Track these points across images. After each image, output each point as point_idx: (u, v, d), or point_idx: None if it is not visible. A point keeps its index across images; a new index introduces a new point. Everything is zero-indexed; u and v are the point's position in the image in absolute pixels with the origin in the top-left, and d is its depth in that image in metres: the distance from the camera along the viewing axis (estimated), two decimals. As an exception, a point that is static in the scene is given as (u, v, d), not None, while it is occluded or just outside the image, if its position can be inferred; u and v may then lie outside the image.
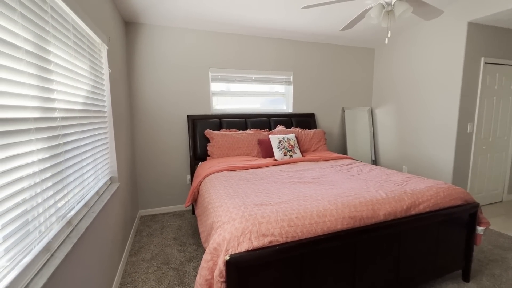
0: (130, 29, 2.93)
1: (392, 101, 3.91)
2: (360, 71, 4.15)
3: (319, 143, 3.43)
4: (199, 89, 3.28)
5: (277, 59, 3.62)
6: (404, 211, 1.60)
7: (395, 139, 3.89)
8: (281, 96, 3.84)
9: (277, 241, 1.28)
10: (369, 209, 1.52)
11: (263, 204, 1.52)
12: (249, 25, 3.15)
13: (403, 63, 3.68)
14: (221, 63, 3.34)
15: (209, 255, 1.29)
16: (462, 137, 3.10)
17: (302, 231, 1.34)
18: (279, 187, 1.90)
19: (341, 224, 1.42)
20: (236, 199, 1.63)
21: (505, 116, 3.36)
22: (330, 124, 4.08)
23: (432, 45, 3.26)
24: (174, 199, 3.31)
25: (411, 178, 2.04)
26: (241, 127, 3.35)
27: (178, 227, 2.82)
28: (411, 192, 1.73)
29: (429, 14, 1.95)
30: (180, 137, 3.26)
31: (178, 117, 3.23)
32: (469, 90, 3.04)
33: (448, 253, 1.79)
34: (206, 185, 2.13)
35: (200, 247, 2.40)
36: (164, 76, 3.12)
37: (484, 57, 3.04)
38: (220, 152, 2.96)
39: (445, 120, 3.17)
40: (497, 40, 3.09)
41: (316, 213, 1.42)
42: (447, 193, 1.77)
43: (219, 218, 1.47)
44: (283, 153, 2.91)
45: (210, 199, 1.82)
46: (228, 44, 3.35)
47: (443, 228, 1.73)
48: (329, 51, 3.91)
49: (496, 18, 2.79)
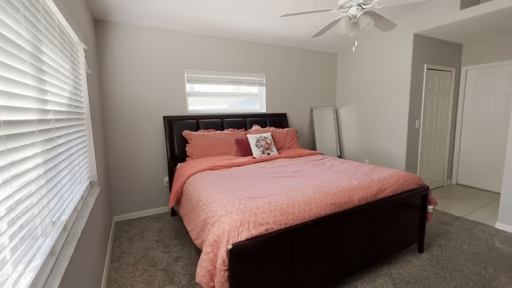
0: (100, 27, 2.80)
1: (353, 101, 4.34)
2: (325, 74, 4.51)
3: (292, 140, 3.66)
4: (174, 90, 3.26)
5: (250, 62, 3.76)
6: (373, 196, 1.87)
7: (357, 136, 4.32)
8: (255, 97, 3.99)
9: (272, 228, 1.41)
10: (346, 196, 1.74)
11: (255, 198, 1.64)
12: (224, 28, 3.23)
13: (362, 67, 4.12)
14: (196, 64, 3.37)
15: (209, 247, 1.37)
16: (411, 132, 3.60)
17: (293, 218, 1.49)
18: (264, 182, 2.04)
19: (325, 210, 1.61)
20: (228, 194, 1.72)
21: (443, 113, 3.98)
22: (301, 123, 4.36)
23: (386, 52, 3.72)
24: (152, 202, 3.24)
25: (375, 168, 2.35)
26: (218, 127, 3.41)
27: (159, 230, 2.78)
28: (378, 179, 2.01)
29: (386, 27, 2.27)
30: (156, 139, 3.20)
31: (153, 118, 3.17)
32: (416, 92, 3.55)
33: (407, 230, 2.11)
34: (192, 185, 2.17)
35: (186, 246, 2.42)
36: (138, 76, 3.04)
37: (427, 64, 3.58)
38: (200, 153, 2.99)
39: (397, 118, 3.64)
40: (435, 49, 3.65)
41: (303, 202, 1.59)
42: (405, 179, 2.10)
43: (214, 213, 1.55)
44: (261, 151, 3.06)
45: (199, 197, 1.88)
46: (204, 45, 3.39)
47: (402, 208, 2.05)
48: (298, 55, 4.18)
49: (435, 31, 3.31)
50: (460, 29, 3.24)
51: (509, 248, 2.29)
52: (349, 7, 1.97)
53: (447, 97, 3.98)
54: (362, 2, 1.92)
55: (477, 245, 2.34)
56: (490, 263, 2.08)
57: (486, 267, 2.02)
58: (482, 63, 3.78)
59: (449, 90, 3.98)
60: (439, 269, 2.00)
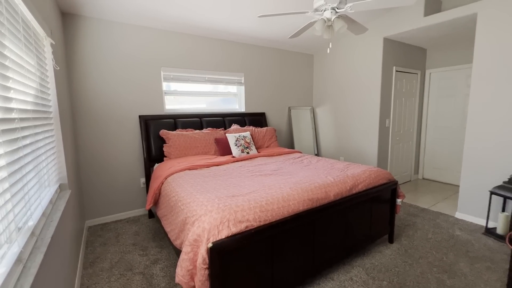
0: (70, 21, 2.64)
1: (329, 101, 4.50)
2: (302, 74, 4.63)
3: (271, 139, 3.72)
4: (151, 88, 3.16)
5: (229, 61, 3.76)
6: (348, 191, 1.97)
7: (333, 134, 4.49)
8: (234, 96, 3.99)
9: (252, 225, 1.44)
10: (322, 192, 1.82)
11: (234, 196, 1.65)
12: (202, 26, 3.20)
13: (337, 68, 4.28)
14: (174, 63, 3.29)
15: (189, 247, 1.36)
16: (382, 130, 3.82)
17: (272, 214, 1.53)
18: (244, 180, 2.06)
19: (302, 206, 1.67)
20: (208, 193, 1.72)
21: (410, 113, 4.26)
22: (279, 122, 4.44)
23: (358, 55, 3.90)
24: (128, 204, 3.12)
25: (349, 165, 2.47)
26: (196, 126, 3.37)
27: (135, 233, 2.70)
28: (352, 175, 2.11)
29: (358, 30, 2.39)
30: (132, 139, 3.09)
31: (128, 117, 3.05)
32: (386, 92, 3.76)
33: (378, 222, 2.25)
34: (170, 185, 2.13)
35: (164, 248, 2.37)
36: (112, 74, 2.91)
37: (395, 66, 3.81)
38: (178, 152, 2.94)
39: (370, 117, 3.84)
40: (403, 53, 3.90)
41: (281, 199, 1.64)
42: (377, 175, 2.23)
43: (193, 213, 1.54)
44: (241, 150, 3.07)
45: (178, 197, 1.86)
46: (181, 43, 3.32)
47: (374, 202, 2.18)
48: (276, 55, 4.24)
49: (402, 36, 3.54)
50: (424, 35, 3.49)
51: (467, 235, 2.52)
52: (324, 10, 2.05)
53: (414, 98, 4.27)
54: (336, 6, 2.01)
55: (440, 234, 2.55)
56: (451, 249, 2.28)
57: (448, 253, 2.21)
58: (443, 66, 4.11)
59: (415, 91, 4.27)
60: (407, 257, 2.16)
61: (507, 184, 2.42)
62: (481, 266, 2.03)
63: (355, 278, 1.91)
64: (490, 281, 1.86)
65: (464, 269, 2.00)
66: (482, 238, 2.46)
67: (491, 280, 1.87)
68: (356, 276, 1.93)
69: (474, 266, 2.04)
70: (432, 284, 1.84)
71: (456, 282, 1.85)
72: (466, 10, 2.72)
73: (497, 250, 2.26)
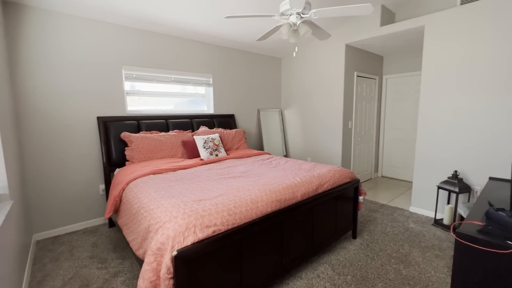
0: (12, 11, 2.35)
1: (296, 103, 4.63)
2: (271, 77, 4.70)
3: (240, 141, 3.70)
4: (110, 88, 2.95)
5: (197, 61, 3.67)
6: (314, 190, 2.03)
7: (300, 136, 4.62)
8: (202, 97, 3.90)
9: (220, 230, 1.41)
10: (290, 192, 1.85)
11: (201, 200, 1.60)
12: (168, 25, 3.07)
13: (303, 72, 4.43)
14: (136, 61, 3.11)
15: (152, 256, 1.28)
16: (346, 132, 4.04)
17: (240, 217, 1.52)
18: (212, 183, 2.01)
19: (271, 207, 1.68)
20: (173, 199, 1.64)
21: (370, 115, 4.58)
22: (248, 124, 4.45)
23: (323, 59, 4.08)
24: (85, 214, 2.86)
25: (316, 165, 2.56)
26: (162, 128, 3.22)
27: (93, 244, 2.48)
28: (318, 175, 2.19)
29: (322, 36, 2.50)
30: (89, 142, 2.84)
31: (84, 119, 2.80)
32: (348, 96, 3.99)
33: (342, 219, 2.36)
34: (132, 191, 2.00)
35: (126, 259, 2.21)
36: (64, 72, 2.65)
37: (357, 71, 4.06)
38: (142, 156, 2.77)
39: (334, 119, 4.04)
40: (363, 59, 4.18)
41: (250, 201, 1.63)
42: (341, 174, 2.34)
43: (157, 220, 1.46)
44: (209, 153, 3.01)
45: (141, 203, 1.75)
46: (145, 41, 3.15)
47: (339, 200, 2.28)
48: (245, 57, 4.25)
49: (362, 43, 3.79)
50: (381, 43, 3.78)
51: (419, 227, 2.77)
52: (290, 15, 2.10)
53: (373, 101, 4.59)
54: (301, 12, 2.07)
55: (396, 227, 2.77)
56: (406, 241, 2.48)
57: (403, 245, 2.40)
58: (398, 73, 4.49)
59: (374, 95, 4.59)
60: (368, 251, 2.29)
61: (451, 179, 2.71)
62: (431, 255, 2.24)
63: (322, 275, 1.98)
64: (438, 267, 2.06)
65: (417, 258, 2.19)
66: (431, 229, 2.72)
67: (439, 266, 2.07)
68: (323, 273, 2.00)
69: (425, 255, 2.24)
70: (390, 274, 1.97)
71: (410, 271, 2.01)
72: (416, 23, 3.01)
73: (444, 239, 2.51)
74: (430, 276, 1.95)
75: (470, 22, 2.62)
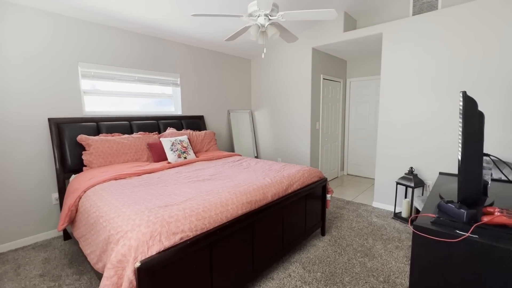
0: None
1: (266, 105, 4.68)
2: (240, 78, 4.69)
3: (210, 143, 3.62)
4: (64, 87, 2.68)
5: (163, 60, 3.51)
6: (284, 190, 2.05)
7: (270, 137, 4.68)
8: (169, 97, 3.74)
9: (188, 236, 1.35)
10: (260, 193, 1.85)
11: (168, 205, 1.52)
12: (131, 21, 2.89)
13: (272, 74, 4.49)
14: (95, 58, 2.87)
15: (112, 270, 1.18)
16: (314, 132, 4.18)
17: (210, 222, 1.47)
18: (180, 187, 1.93)
19: (241, 209, 1.66)
20: (136, 206, 1.53)
21: (336, 116, 4.80)
22: (218, 125, 4.37)
23: (291, 62, 4.18)
24: (35, 226, 2.55)
25: (285, 165, 2.60)
26: (125, 130, 3.02)
27: (44, 261, 2.22)
28: (287, 175, 2.22)
29: (290, 38, 2.55)
30: (39, 147, 2.55)
31: (33, 121, 2.51)
32: (315, 98, 4.13)
33: (312, 218, 2.43)
34: (90, 199, 1.83)
35: (84, 274, 2.02)
36: (9, 68, 2.34)
37: (323, 74, 4.23)
38: (102, 160, 2.56)
39: (302, 120, 4.15)
40: (328, 63, 4.37)
41: (220, 204, 1.59)
42: (309, 174, 2.41)
43: (118, 229, 1.35)
44: (177, 155, 2.89)
45: (99, 212, 1.60)
46: (105, 37, 2.93)
47: (308, 199, 2.34)
48: (214, 58, 4.18)
49: (327, 48, 3.96)
50: (344, 48, 3.98)
51: (381, 221, 2.96)
52: (258, 16, 2.11)
53: (338, 103, 4.82)
54: (269, 13, 2.09)
55: (361, 222, 2.92)
56: (369, 235, 2.63)
57: (368, 239, 2.55)
58: (359, 76, 4.77)
59: (339, 97, 4.83)
60: (336, 247, 2.39)
61: (407, 175, 2.94)
62: (392, 246, 2.40)
63: (293, 274, 2.01)
64: (398, 257, 2.21)
65: (380, 250, 2.33)
66: (392, 222, 2.93)
67: (399, 256, 2.23)
68: (294, 272, 2.03)
69: (387, 247, 2.39)
70: (356, 268, 2.07)
71: (374, 263, 2.14)
72: (374, 30, 3.22)
73: (402, 230, 2.72)
74: (391, 266, 2.09)
75: (421, 30, 2.88)
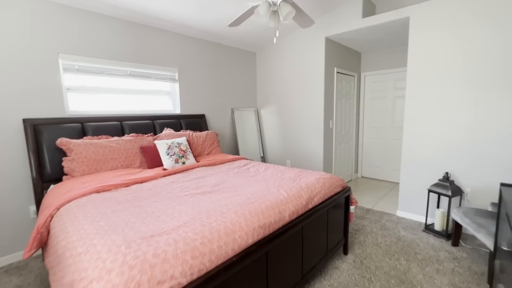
0: None
1: (273, 102, 4.27)
2: (245, 73, 4.28)
3: (213, 145, 3.24)
4: (43, 82, 2.31)
5: (159, 52, 3.12)
6: (304, 207, 1.66)
7: (278, 137, 4.27)
8: (166, 94, 3.36)
9: (180, 284, 0.96)
10: (276, 213, 1.45)
11: (154, 235, 1.13)
12: (120, 6, 2.51)
13: (280, 67, 4.08)
14: (79, 49, 2.50)
15: None
16: (326, 132, 3.76)
17: (211, 259, 1.08)
18: (174, 204, 1.54)
19: (252, 237, 1.27)
20: (112, 235, 1.15)
21: (350, 114, 4.37)
22: (221, 125, 3.99)
23: (301, 53, 3.77)
24: (8, 246, 2.20)
25: (301, 172, 2.20)
26: (115, 132, 2.64)
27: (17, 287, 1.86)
28: (306, 186, 1.82)
29: (305, 22, 2.14)
30: (12, 152, 2.19)
31: (4, 123, 2.14)
32: (329, 93, 3.72)
33: (333, 235, 2.03)
34: (62, 220, 1.46)
35: (59, 309, 1.65)
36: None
37: (337, 68, 3.81)
38: (86, 168, 2.19)
39: (314, 118, 3.74)
40: (342, 54, 3.94)
41: (224, 231, 1.20)
42: (331, 183, 2.00)
43: (82, 275, 0.96)
44: (174, 160, 2.51)
45: (67, 243, 1.23)
46: (90, 25, 2.55)
47: (330, 214, 1.94)
48: (215, 50, 3.78)
49: (342, 37, 3.53)
50: (361, 37, 3.55)
51: (411, 235, 2.55)
52: (268, -9, 1.71)
53: (352, 99, 4.39)
54: (281, -12, 1.69)
55: (388, 236, 2.51)
56: (400, 253, 2.22)
57: (399, 259, 2.14)
58: (375, 70, 4.33)
59: (353, 93, 4.40)
60: (364, 271, 1.98)
61: (442, 182, 2.52)
62: (431, 270, 1.99)
63: (316, 310, 1.62)
64: (442, 286, 1.80)
65: (417, 276, 1.92)
66: (424, 236, 2.51)
67: (443, 285, 1.82)
68: (317, 307, 1.64)
69: (425, 270, 1.98)
70: (393, 301, 1.67)
71: (414, 294, 1.73)
72: (400, 13, 2.79)
73: (439, 248, 2.30)
74: (437, 299, 1.69)
75: (458, 12, 2.44)
